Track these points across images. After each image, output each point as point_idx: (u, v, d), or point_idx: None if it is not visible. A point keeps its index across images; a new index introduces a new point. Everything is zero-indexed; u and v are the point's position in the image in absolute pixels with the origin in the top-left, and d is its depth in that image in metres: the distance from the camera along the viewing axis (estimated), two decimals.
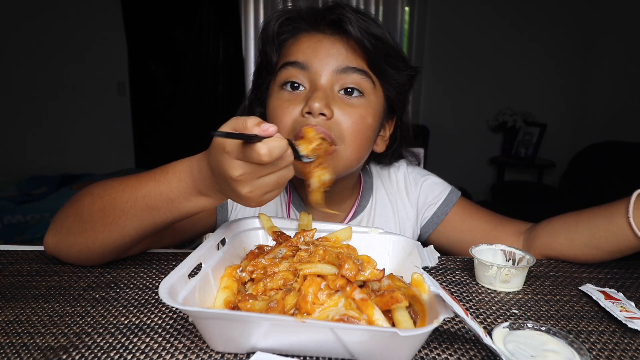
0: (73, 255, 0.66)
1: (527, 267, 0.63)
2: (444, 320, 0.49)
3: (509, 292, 0.63)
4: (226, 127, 0.47)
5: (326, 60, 0.69)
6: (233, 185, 0.48)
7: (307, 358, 0.45)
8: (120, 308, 0.55)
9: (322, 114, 0.66)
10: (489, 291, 0.63)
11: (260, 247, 0.61)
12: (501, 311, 0.57)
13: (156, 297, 0.58)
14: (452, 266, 0.72)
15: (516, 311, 0.57)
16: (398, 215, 0.88)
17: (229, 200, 0.82)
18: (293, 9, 0.75)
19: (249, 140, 0.44)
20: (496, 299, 0.60)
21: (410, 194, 0.89)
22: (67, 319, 0.52)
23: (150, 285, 0.62)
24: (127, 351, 0.45)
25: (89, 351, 0.45)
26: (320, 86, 0.69)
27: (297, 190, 0.85)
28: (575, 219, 0.75)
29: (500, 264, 0.64)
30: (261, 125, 0.45)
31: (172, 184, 0.55)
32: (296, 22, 0.74)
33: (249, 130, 0.45)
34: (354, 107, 0.70)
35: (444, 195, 0.88)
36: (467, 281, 0.66)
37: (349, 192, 0.84)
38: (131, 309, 0.55)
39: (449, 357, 0.46)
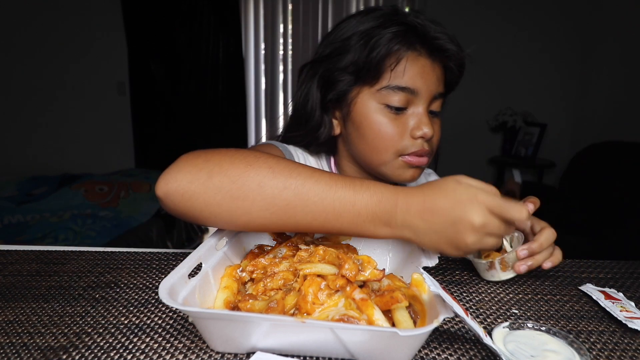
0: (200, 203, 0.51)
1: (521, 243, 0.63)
2: (444, 320, 0.49)
3: (512, 286, 0.63)
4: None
5: (430, 87, 0.73)
6: (462, 231, 0.48)
7: (307, 358, 0.45)
8: (120, 308, 0.55)
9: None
10: (489, 291, 0.63)
11: (260, 247, 0.61)
12: (501, 311, 0.57)
13: (156, 297, 0.58)
14: (452, 266, 0.72)
15: (516, 311, 0.57)
16: None
17: None
18: (410, 22, 0.73)
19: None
20: (496, 299, 0.60)
21: None
22: (67, 319, 0.52)
23: (150, 285, 0.62)
24: (127, 351, 0.45)
25: (89, 351, 0.45)
26: (425, 110, 0.73)
27: None
28: None
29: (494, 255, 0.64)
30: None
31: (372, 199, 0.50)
32: (409, 37, 0.72)
33: (525, 223, 0.62)
34: (436, 125, 0.77)
35: None
36: (467, 281, 0.66)
37: None
38: (131, 309, 0.55)
39: (449, 357, 0.46)
